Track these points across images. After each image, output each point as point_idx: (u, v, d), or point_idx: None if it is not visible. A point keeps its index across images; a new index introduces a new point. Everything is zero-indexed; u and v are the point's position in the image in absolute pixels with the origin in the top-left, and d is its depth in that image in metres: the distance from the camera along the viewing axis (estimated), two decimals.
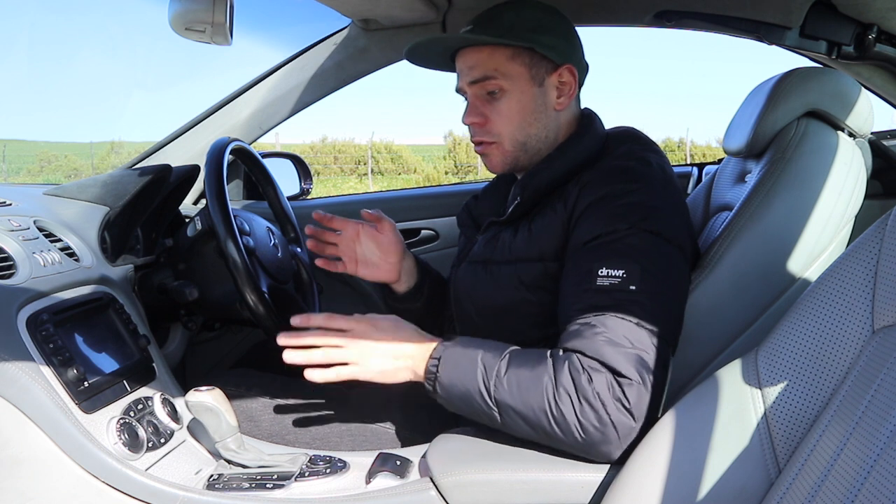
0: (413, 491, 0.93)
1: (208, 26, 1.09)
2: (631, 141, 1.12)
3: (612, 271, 0.93)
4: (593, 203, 1.00)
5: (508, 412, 0.91)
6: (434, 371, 0.95)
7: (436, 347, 0.97)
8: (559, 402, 0.88)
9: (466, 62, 1.10)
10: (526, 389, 0.90)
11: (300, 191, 2.13)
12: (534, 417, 0.90)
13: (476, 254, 1.14)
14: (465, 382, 0.93)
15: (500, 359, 0.93)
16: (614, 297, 0.92)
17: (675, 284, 0.99)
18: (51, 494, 0.92)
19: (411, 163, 20.37)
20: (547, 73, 1.09)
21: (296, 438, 1.15)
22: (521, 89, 1.08)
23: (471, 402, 0.94)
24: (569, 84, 1.11)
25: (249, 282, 1.22)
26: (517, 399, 0.90)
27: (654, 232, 0.97)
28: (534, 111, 1.09)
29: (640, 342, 0.90)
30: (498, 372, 0.92)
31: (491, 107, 1.09)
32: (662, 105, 65.27)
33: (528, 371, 0.91)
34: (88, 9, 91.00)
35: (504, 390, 0.91)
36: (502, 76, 1.07)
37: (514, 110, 1.08)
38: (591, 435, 0.88)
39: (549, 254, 1.03)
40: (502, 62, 1.07)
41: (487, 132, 1.10)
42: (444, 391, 0.95)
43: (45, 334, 0.97)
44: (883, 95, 1.47)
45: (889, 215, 0.78)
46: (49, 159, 19.92)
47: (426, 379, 0.97)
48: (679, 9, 1.43)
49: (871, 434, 0.66)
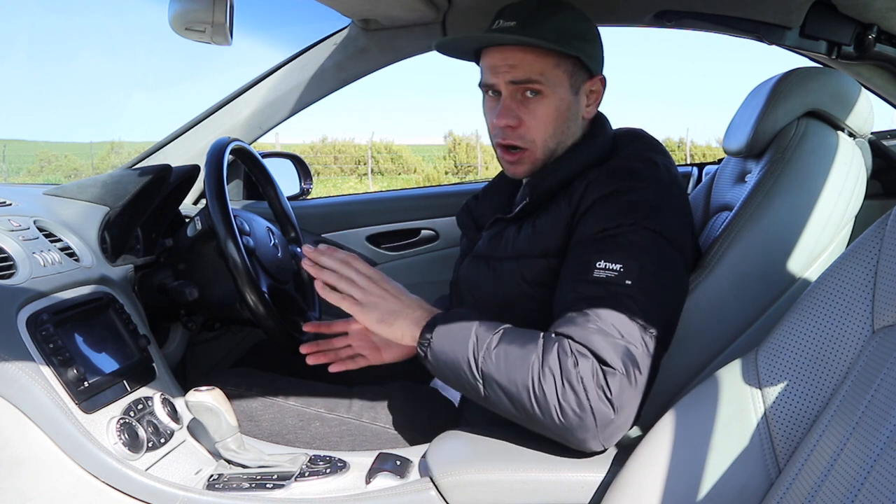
0: (413, 491, 0.93)
1: (208, 26, 1.10)
2: (637, 142, 1.12)
3: (610, 264, 0.94)
4: (598, 200, 1.00)
5: (492, 385, 0.91)
6: (428, 337, 0.96)
7: (434, 316, 0.98)
8: (542, 381, 0.88)
9: (507, 60, 1.06)
10: (512, 364, 0.90)
11: (300, 191, 2.13)
12: (515, 393, 0.90)
13: (480, 249, 1.14)
14: (455, 350, 0.94)
15: (494, 332, 0.93)
16: (609, 290, 0.92)
17: (672, 286, 0.99)
18: (51, 494, 0.92)
19: (411, 163, 20.37)
20: (583, 81, 1.09)
21: (296, 438, 1.15)
22: (560, 96, 1.07)
23: (458, 370, 0.94)
24: (598, 93, 1.12)
25: (249, 282, 1.22)
26: (503, 373, 0.90)
27: (657, 231, 0.97)
28: (567, 119, 1.09)
29: (630, 336, 0.90)
30: (489, 344, 0.92)
31: (527, 109, 1.07)
32: (662, 105, 65.32)
33: (518, 347, 0.91)
34: (88, 9, 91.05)
35: (492, 363, 0.91)
36: (546, 81, 1.05)
37: (552, 116, 1.07)
38: (570, 419, 0.87)
39: (552, 250, 1.04)
40: (549, 67, 1.05)
41: (521, 137, 1.09)
42: (433, 357, 0.95)
43: (45, 334, 0.97)
44: (883, 95, 1.47)
45: (889, 215, 0.78)
46: (49, 159, 19.92)
47: (419, 343, 0.97)
48: (679, 9, 1.43)
49: (871, 434, 0.66)
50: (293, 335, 1.30)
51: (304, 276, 1.56)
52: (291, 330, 1.30)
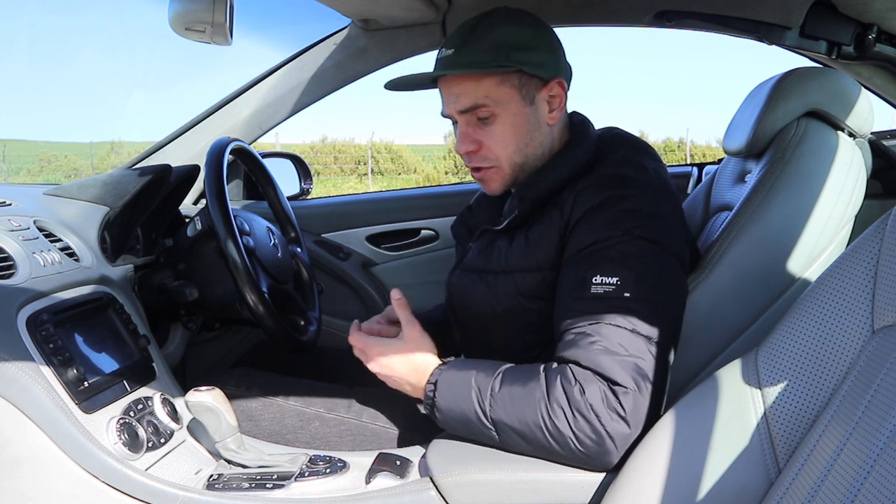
0: (413, 491, 0.93)
1: (208, 26, 1.10)
2: (624, 145, 1.11)
3: (606, 278, 0.93)
4: (589, 211, 0.99)
5: (505, 430, 0.92)
6: (431, 396, 0.97)
7: (432, 372, 0.99)
8: (553, 416, 0.88)
9: (451, 90, 1.05)
10: (520, 406, 0.90)
11: (300, 191, 2.13)
12: (530, 433, 0.90)
13: (470, 262, 1.13)
14: (460, 405, 0.94)
15: (494, 377, 0.94)
16: (608, 305, 0.92)
17: (671, 291, 0.98)
18: (51, 494, 0.92)
19: (411, 163, 20.36)
20: (537, 89, 1.06)
21: (296, 438, 1.15)
22: (513, 112, 1.04)
23: (468, 423, 0.95)
24: (559, 97, 1.08)
25: (249, 282, 1.22)
26: (512, 416, 0.91)
27: (649, 239, 0.96)
28: (528, 131, 1.06)
29: (637, 349, 0.90)
30: (492, 391, 0.92)
31: (484, 132, 1.06)
32: (662, 105, 65.28)
33: (521, 387, 0.91)
34: (88, 9, 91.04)
35: (499, 408, 0.92)
36: (493, 102, 1.03)
37: (509, 133, 1.05)
38: (588, 447, 0.88)
39: (546, 263, 1.02)
40: (491, 88, 1.03)
41: (484, 158, 1.07)
42: (441, 415, 0.97)
43: (45, 334, 0.97)
44: (883, 95, 1.47)
45: (889, 215, 0.78)
46: (49, 159, 19.90)
47: (425, 405, 0.99)
48: (679, 9, 1.43)
49: (871, 434, 0.66)
50: (293, 335, 1.30)
51: (304, 276, 1.56)
52: (291, 330, 1.30)
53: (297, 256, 1.57)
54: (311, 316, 1.48)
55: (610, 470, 0.90)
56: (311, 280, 1.57)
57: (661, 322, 0.93)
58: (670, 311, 0.97)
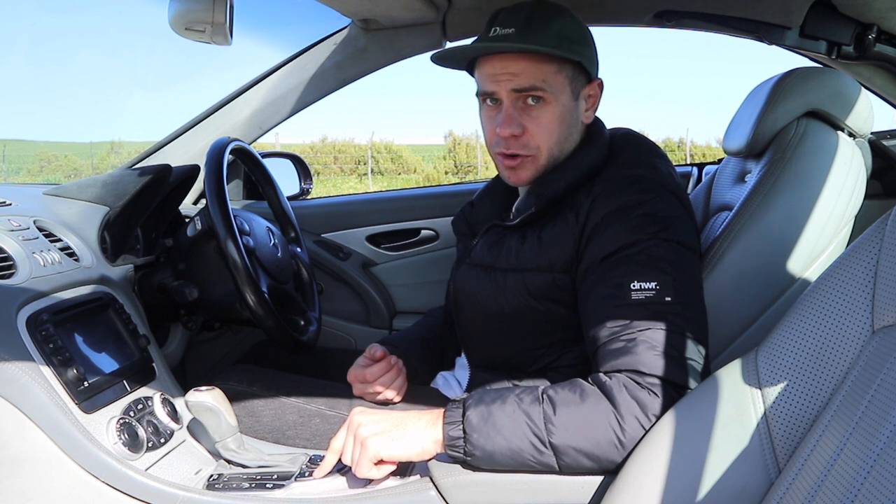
0: (413, 491, 0.93)
1: (208, 26, 1.10)
2: (633, 145, 1.12)
3: (645, 284, 0.93)
4: (608, 215, 0.99)
5: (568, 453, 0.87)
6: (461, 440, 0.89)
7: (446, 413, 0.92)
8: (626, 427, 0.87)
9: (508, 68, 1.03)
10: (588, 426, 0.87)
11: (300, 191, 2.13)
12: (600, 451, 0.87)
13: (478, 257, 1.12)
14: (511, 440, 0.88)
15: (541, 403, 0.89)
16: (653, 310, 0.92)
17: (700, 289, 1.00)
18: (51, 494, 0.92)
19: (411, 163, 20.36)
20: (582, 86, 1.08)
21: (296, 435, 1.15)
22: (562, 102, 1.05)
23: (518, 455, 0.88)
24: (595, 97, 1.11)
25: (249, 282, 1.22)
26: (580, 438, 0.87)
27: (675, 241, 0.97)
28: (569, 125, 1.08)
29: (689, 351, 0.91)
30: (547, 418, 0.88)
31: (530, 118, 1.05)
32: (662, 105, 65.30)
33: (580, 406, 0.88)
34: (88, 9, 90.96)
35: (563, 433, 0.87)
36: (549, 88, 1.03)
37: (555, 123, 1.06)
38: None
39: (558, 265, 1.02)
40: (550, 74, 1.03)
41: (525, 145, 1.06)
42: (484, 454, 0.89)
43: (45, 334, 0.97)
44: (883, 95, 1.47)
45: (889, 215, 0.78)
46: (49, 159, 19.90)
47: (450, 448, 0.90)
48: (679, 9, 1.43)
49: (871, 434, 0.66)
50: (293, 335, 1.30)
51: (303, 276, 1.56)
52: (291, 330, 1.30)
53: (297, 256, 1.57)
54: (311, 316, 1.48)
55: (610, 471, 0.90)
56: (311, 280, 1.57)
57: (701, 322, 0.95)
58: (702, 308, 0.99)
